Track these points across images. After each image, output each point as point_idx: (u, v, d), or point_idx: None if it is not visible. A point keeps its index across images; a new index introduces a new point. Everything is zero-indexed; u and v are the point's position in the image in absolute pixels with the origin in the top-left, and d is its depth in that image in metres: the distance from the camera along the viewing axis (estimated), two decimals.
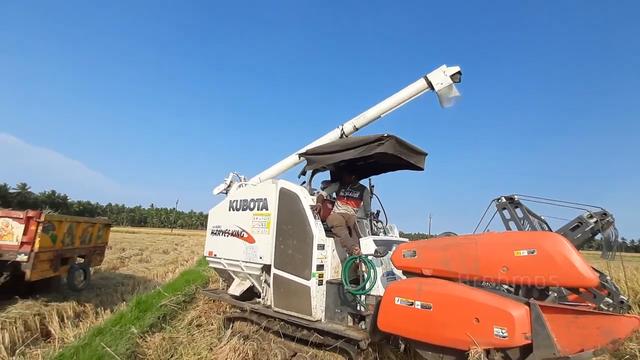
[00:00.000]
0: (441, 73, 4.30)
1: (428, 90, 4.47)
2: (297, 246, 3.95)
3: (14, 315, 4.15)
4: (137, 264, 11.64)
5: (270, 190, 4.43)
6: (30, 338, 4.13)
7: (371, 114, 4.80)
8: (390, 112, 4.75)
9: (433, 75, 4.35)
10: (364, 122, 4.89)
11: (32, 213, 4.30)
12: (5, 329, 3.89)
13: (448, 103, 4.49)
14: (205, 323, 5.42)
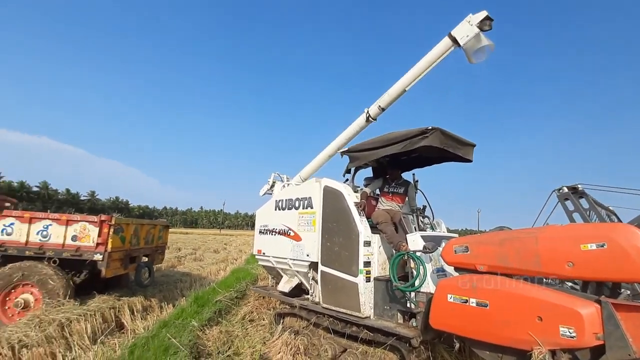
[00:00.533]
0: (466, 24, 3.77)
1: (454, 48, 3.91)
2: (343, 243, 3.98)
3: (93, 308, 4.66)
4: (192, 262, 12.45)
5: (314, 189, 4.51)
6: (108, 329, 4.63)
7: (395, 90, 4.49)
8: (415, 82, 4.30)
9: (457, 29, 3.82)
10: (388, 100, 4.58)
11: (105, 217, 4.79)
12: (87, 320, 4.38)
13: (478, 57, 3.89)
14: (257, 318, 5.67)
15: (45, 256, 4.68)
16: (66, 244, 4.76)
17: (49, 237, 4.77)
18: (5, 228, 4.73)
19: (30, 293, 4.64)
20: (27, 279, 4.57)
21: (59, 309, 4.38)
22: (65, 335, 3.99)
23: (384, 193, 4.53)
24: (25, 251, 4.68)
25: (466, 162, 4.26)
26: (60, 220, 4.80)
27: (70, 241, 4.78)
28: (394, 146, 3.83)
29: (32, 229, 4.76)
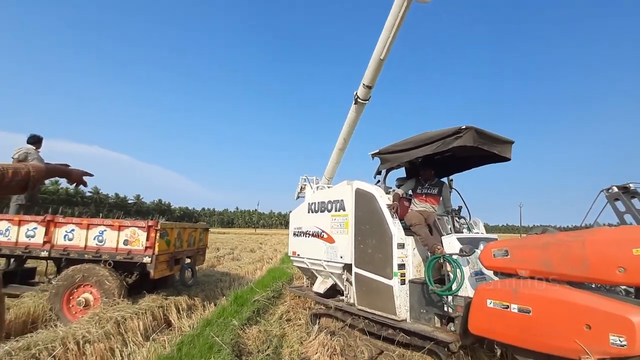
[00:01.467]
0: None
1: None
2: (376, 245, 3.98)
3: (144, 307, 5.03)
4: (230, 262, 12.96)
5: (346, 192, 4.55)
6: (158, 326, 4.98)
7: (372, 62, 4.31)
8: (388, 47, 4.04)
9: None
10: (370, 75, 4.40)
11: (152, 222, 5.16)
12: (140, 318, 4.73)
13: None
14: (293, 318, 5.81)
15: (102, 259, 5.13)
16: (119, 248, 5.18)
17: (104, 241, 5.22)
18: (67, 234, 5.25)
19: (90, 293, 5.10)
20: (87, 280, 5.03)
21: (114, 308, 4.77)
22: (121, 332, 4.35)
23: (417, 194, 4.47)
24: (84, 255, 5.16)
25: (504, 160, 4.09)
26: (113, 226, 5.23)
27: (122, 245, 5.19)
28: (426, 147, 3.77)
29: (90, 235, 5.23)
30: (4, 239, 5.27)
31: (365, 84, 4.57)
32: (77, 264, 5.14)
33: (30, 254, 5.28)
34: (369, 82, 4.56)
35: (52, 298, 4.99)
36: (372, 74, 4.47)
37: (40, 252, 5.21)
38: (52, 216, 5.33)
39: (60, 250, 5.19)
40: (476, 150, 3.71)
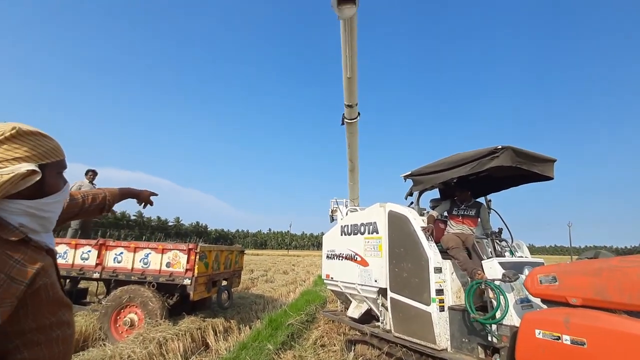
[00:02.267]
0: None
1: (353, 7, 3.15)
2: (412, 269, 3.89)
3: (183, 328, 5.19)
4: (264, 284, 13.07)
5: (378, 214, 4.52)
6: (196, 348, 5.11)
7: (344, 82, 4.20)
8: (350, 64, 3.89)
9: None
10: (347, 95, 4.36)
11: (191, 245, 5.40)
12: (180, 339, 4.89)
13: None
14: (328, 343, 5.70)
15: (146, 281, 5.42)
16: (162, 270, 5.46)
17: (149, 264, 5.53)
18: (116, 256, 5.63)
19: (135, 313, 5.37)
20: (132, 301, 5.32)
21: (157, 328, 4.98)
22: (163, 352, 4.51)
23: (453, 216, 4.34)
24: (131, 276, 5.49)
25: (547, 179, 3.90)
26: (157, 249, 5.54)
27: (165, 267, 5.47)
28: (461, 168, 3.70)
29: (136, 257, 5.58)
30: (62, 261, 5.75)
31: (345, 104, 4.53)
32: (124, 285, 5.47)
33: (84, 275, 5.71)
34: (347, 101, 4.50)
35: (102, 318, 5.31)
36: (347, 93, 4.42)
37: (93, 274, 5.61)
38: (104, 240, 5.76)
39: (110, 272, 5.57)
40: (515, 169, 3.58)
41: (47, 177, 0.97)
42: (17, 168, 0.88)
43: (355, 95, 4.52)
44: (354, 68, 4.13)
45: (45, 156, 0.96)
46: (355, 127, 4.98)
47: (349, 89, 4.37)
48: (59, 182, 1.04)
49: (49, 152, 0.98)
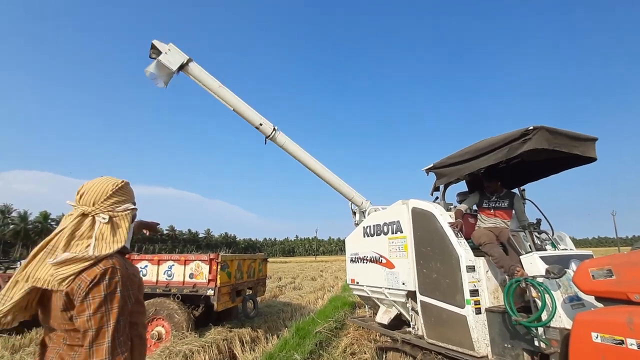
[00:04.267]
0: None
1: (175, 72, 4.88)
2: (441, 269, 3.58)
3: (209, 340, 5.12)
4: (292, 291, 12.95)
5: (401, 212, 4.25)
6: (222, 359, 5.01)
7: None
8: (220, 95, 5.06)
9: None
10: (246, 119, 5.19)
11: (212, 255, 5.35)
12: (206, 352, 4.81)
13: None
14: (358, 351, 5.44)
15: (171, 293, 5.42)
16: (185, 282, 5.44)
17: (173, 276, 5.54)
18: (142, 270, 5.68)
19: (162, 326, 5.37)
20: (158, 314, 5.32)
21: (183, 341, 4.94)
22: None
23: (484, 209, 3.99)
24: (156, 289, 5.51)
25: (588, 162, 3.49)
26: (180, 261, 5.54)
27: (188, 279, 5.45)
28: (489, 156, 3.37)
29: (160, 270, 5.60)
30: None
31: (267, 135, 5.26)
32: (150, 299, 5.49)
33: None
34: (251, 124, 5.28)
35: None
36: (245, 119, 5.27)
37: None
38: (129, 254, 5.83)
39: None
40: (551, 153, 3.21)
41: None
42: (127, 207, 1.37)
43: (252, 119, 5.21)
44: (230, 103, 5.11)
45: (133, 198, 1.46)
46: (280, 140, 5.34)
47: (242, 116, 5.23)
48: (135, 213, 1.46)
49: (133, 196, 1.47)
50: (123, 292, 1.19)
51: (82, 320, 1.10)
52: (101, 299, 1.12)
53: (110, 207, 1.30)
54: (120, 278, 1.19)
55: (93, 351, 1.09)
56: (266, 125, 5.23)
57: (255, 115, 5.23)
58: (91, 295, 1.11)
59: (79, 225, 1.23)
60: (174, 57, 4.80)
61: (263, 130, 5.22)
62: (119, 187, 1.34)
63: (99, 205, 1.28)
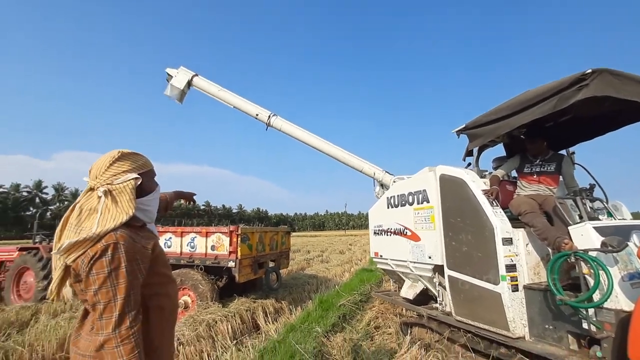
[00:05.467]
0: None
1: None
2: (473, 242, 3.20)
3: (233, 310, 5.16)
4: (319, 264, 13.03)
5: (428, 180, 3.85)
6: (246, 330, 5.05)
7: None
8: (222, 99, 6.09)
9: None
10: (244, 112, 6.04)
11: (232, 227, 5.29)
12: (229, 321, 4.85)
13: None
14: (382, 325, 5.27)
15: (194, 264, 5.48)
16: (208, 253, 5.47)
17: (195, 247, 5.58)
18: (166, 241, 5.78)
19: (188, 295, 5.48)
20: (184, 284, 5.42)
21: (207, 310, 5.01)
22: (212, 334, 4.49)
23: (525, 175, 3.50)
24: (180, 260, 5.60)
25: None
26: (201, 233, 5.56)
27: (210, 250, 5.47)
28: (533, 109, 2.85)
29: (184, 241, 5.66)
30: None
31: (271, 122, 5.85)
32: (176, 269, 5.60)
33: None
34: (249, 115, 6.01)
35: None
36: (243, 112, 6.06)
37: None
38: None
39: None
40: (613, 103, 2.64)
41: (144, 182, 1.36)
42: (127, 177, 1.29)
43: (249, 111, 5.92)
44: (230, 102, 6.01)
45: (141, 167, 1.37)
46: (277, 125, 5.81)
47: (241, 110, 6.01)
48: (152, 185, 1.43)
49: (143, 165, 1.39)
50: (131, 267, 1.18)
51: (90, 294, 1.14)
52: (105, 274, 1.13)
53: (108, 179, 1.27)
54: (126, 252, 1.17)
55: (102, 324, 1.12)
56: (262, 114, 5.78)
57: (251, 108, 5.87)
58: (95, 271, 1.13)
59: (88, 200, 1.26)
60: (182, 77, 6.01)
61: (261, 119, 5.79)
62: (115, 159, 1.30)
63: (99, 178, 1.27)
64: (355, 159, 5.61)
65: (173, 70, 6.16)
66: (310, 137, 5.84)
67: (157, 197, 1.48)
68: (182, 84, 5.98)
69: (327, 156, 5.87)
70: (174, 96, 6.12)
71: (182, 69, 6.15)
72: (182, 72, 6.08)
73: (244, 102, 5.99)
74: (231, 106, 6.02)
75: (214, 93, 6.04)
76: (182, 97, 6.21)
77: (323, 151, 5.80)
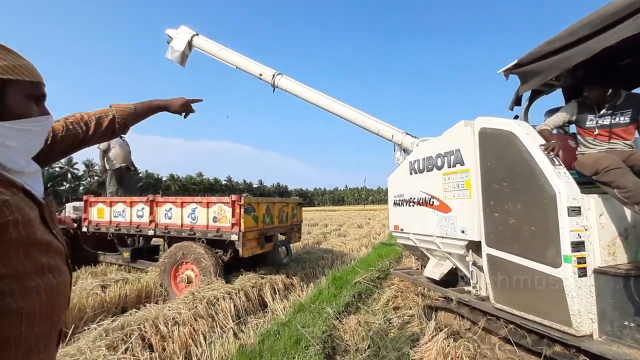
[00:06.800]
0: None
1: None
2: (524, 213, 2.48)
3: (237, 286, 4.73)
4: (336, 238, 12.55)
5: (463, 137, 3.09)
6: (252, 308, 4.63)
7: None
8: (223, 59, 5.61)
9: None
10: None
11: (235, 197, 4.75)
12: (232, 299, 4.42)
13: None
14: (402, 306, 4.71)
15: (196, 237, 5.04)
16: (209, 225, 5.00)
17: (197, 219, 5.12)
18: (166, 213, 5.36)
19: (191, 270, 5.10)
20: (186, 258, 5.03)
21: (210, 286, 4.60)
22: (212, 312, 4.08)
23: (587, 129, 2.67)
24: (182, 232, 5.18)
25: None
26: (202, 203, 5.07)
27: (212, 222, 4.99)
28: (607, 34, 2.00)
29: (184, 213, 5.21)
30: (122, 220, 5.75)
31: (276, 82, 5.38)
32: (178, 242, 5.20)
33: (141, 232, 5.62)
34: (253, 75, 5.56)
35: (162, 274, 5.17)
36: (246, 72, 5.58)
37: (148, 231, 5.47)
38: (154, 196, 5.52)
39: (162, 229, 5.34)
40: None
41: (8, 97, 0.83)
42: None
43: (252, 71, 5.48)
44: (232, 62, 5.53)
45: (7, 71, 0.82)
46: (283, 84, 5.32)
47: (244, 70, 5.55)
48: (29, 108, 0.88)
49: (12, 69, 0.83)
50: None
51: None
52: None
53: None
54: None
55: None
56: (266, 73, 5.34)
57: (254, 67, 5.43)
58: None
59: None
60: (182, 37, 5.54)
61: (265, 79, 5.38)
62: None
63: None
64: (370, 119, 4.91)
65: (173, 31, 5.69)
66: (320, 97, 5.25)
67: (37, 129, 0.91)
68: (182, 45, 5.56)
69: (341, 118, 5.24)
70: (175, 59, 5.67)
71: (182, 28, 5.66)
72: (182, 32, 5.62)
73: (246, 61, 5.51)
74: (233, 66, 5.57)
75: (214, 53, 5.58)
76: (184, 60, 5.79)
77: (335, 112, 5.19)
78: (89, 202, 6.16)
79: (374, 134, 4.99)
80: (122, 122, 1.29)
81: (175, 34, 5.64)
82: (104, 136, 1.27)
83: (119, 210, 5.78)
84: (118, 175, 6.99)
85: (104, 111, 1.27)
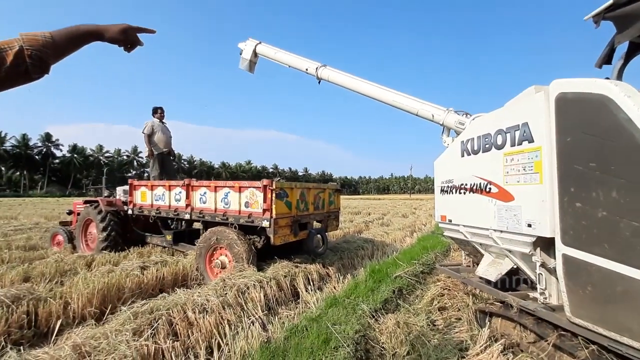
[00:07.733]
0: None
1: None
2: (621, 203, 1.85)
3: (269, 275, 4.53)
4: (378, 227, 12.02)
5: (533, 106, 2.46)
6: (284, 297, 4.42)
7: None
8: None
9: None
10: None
11: (266, 182, 4.52)
12: (263, 287, 4.23)
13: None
14: (449, 307, 4.17)
15: (228, 222, 4.93)
16: (241, 211, 4.85)
17: (229, 204, 5.01)
18: (201, 197, 5.32)
19: (225, 255, 5.02)
20: (220, 243, 4.95)
21: (241, 274, 4.46)
22: (241, 301, 3.92)
23: None
24: (215, 217, 5.10)
25: None
26: (234, 187, 4.93)
27: (244, 208, 4.83)
28: None
29: (218, 197, 5.12)
30: (162, 203, 5.85)
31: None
32: (213, 227, 5.15)
33: (178, 216, 5.67)
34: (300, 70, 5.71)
35: (198, 258, 5.17)
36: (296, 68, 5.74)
37: (185, 215, 5.49)
38: (190, 180, 5.51)
39: (197, 213, 5.32)
40: None
41: None
42: None
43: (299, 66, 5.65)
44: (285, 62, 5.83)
45: None
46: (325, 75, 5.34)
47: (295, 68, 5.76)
48: None
49: None
50: None
51: None
52: None
53: None
54: None
55: None
56: (311, 67, 5.48)
57: (302, 62, 5.62)
58: None
59: None
60: (249, 47, 6.16)
61: (310, 72, 5.52)
62: None
63: None
64: (408, 99, 4.48)
65: (242, 44, 6.37)
66: (358, 83, 5.06)
67: None
68: (249, 54, 6.19)
69: (379, 102, 4.88)
70: (245, 67, 6.30)
71: (249, 40, 6.28)
72: (249, 43, 6.24)
73: (295, 59, 5.79)
74: (287, 66, 5.88)
75: (271, 56, 6.02)
76: (253, 67, 6.37)
77: (373, 96, 4.99)
78: (133, 185, 6.37)
79: (415, 116, 4.47)
80: (36, 55, 0.95)
81: (244, 45, 6.29)
82: (12, 76, 0.94)
83: (159, 194, 5.89)
84: (160, 159, 7.18)
85: (6, 42, 0.93)
